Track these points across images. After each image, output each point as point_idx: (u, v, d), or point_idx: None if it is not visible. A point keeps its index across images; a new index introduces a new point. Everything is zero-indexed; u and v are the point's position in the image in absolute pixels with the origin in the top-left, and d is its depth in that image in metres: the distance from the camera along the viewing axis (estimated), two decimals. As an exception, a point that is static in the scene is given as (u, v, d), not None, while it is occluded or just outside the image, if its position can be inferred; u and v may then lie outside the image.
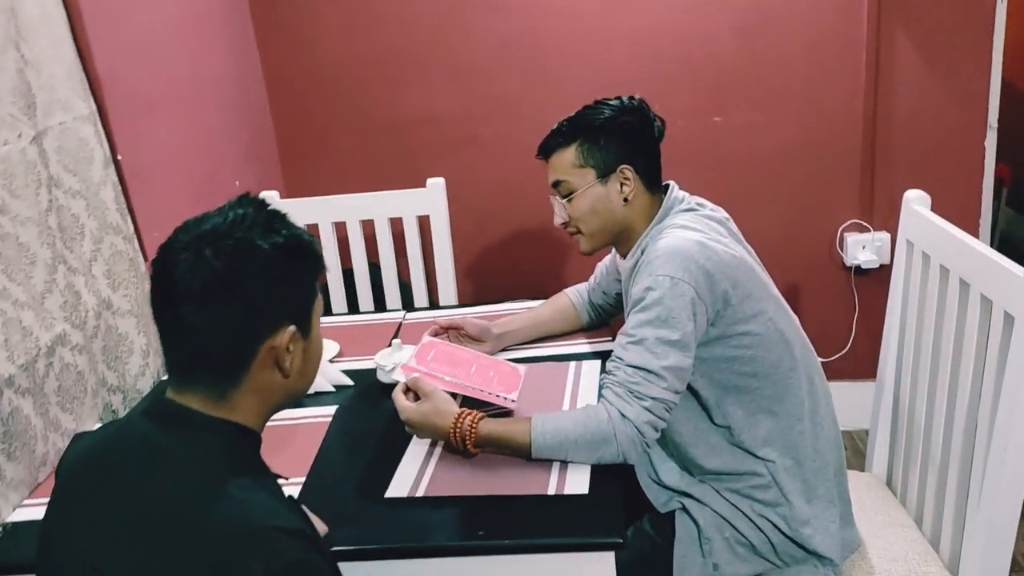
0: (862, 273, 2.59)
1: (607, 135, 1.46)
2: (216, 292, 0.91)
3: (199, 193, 2.11)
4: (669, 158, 1.53)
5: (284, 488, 1.01)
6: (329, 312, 2.27)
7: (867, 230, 2.55)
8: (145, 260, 1.79)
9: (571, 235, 1.53)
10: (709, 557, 1.42)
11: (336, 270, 2.26)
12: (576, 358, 1.68)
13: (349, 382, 1.67)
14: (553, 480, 1.28)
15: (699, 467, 1.46)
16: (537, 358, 1.70)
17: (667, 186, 1.52)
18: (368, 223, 2.22)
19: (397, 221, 2.22)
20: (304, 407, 1.57)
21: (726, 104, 2.49)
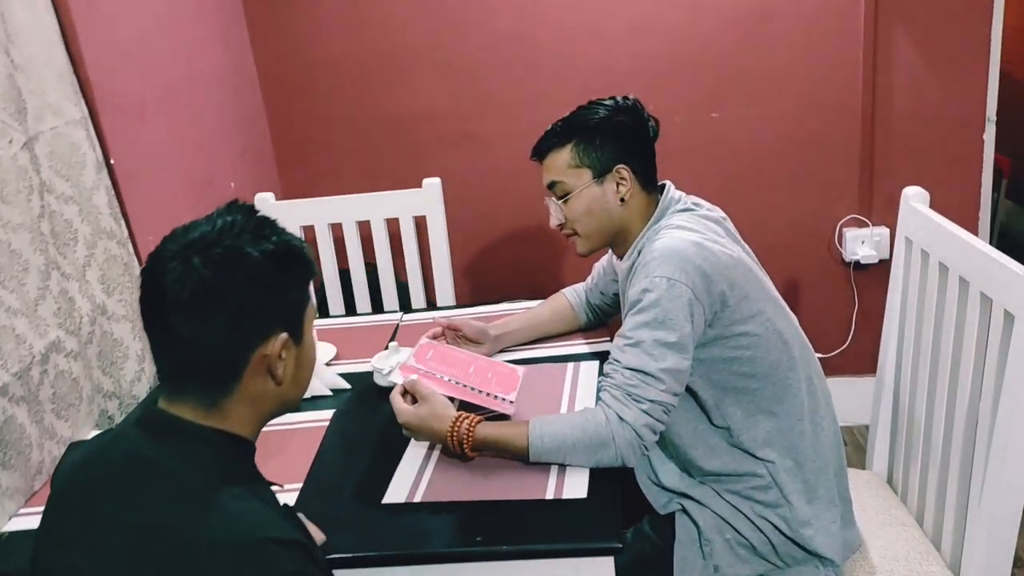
0: (861, 268, 2.58)
1: (602, 135, 1.44)
2: (205, 301, 0.90)
3: (194, 195, 2.10)
4: (667, 154, 1.52)
5: (280, 496, 1.00)
6: (326, 314, 2.26)
7: (866, 225, 2.53)
8: (140, 264, 1.78)
9: (567, 237, 1.52)
10: (710, 559, 1.41)
11: (333, 272, 2.25)
12: (574, 359, 1.67)
13: (346, 385, 1.66)
14: (551, 484, 1.27)
15: (699, 468, 1.45)
16: (535, 359, 1.69)
17: (663, 186, 1.51)
18: (364, 224, 2.21)
19: (394, 222, 2.21)
20: (301, 411, 1.56)
21: (723, 99, 2.47)
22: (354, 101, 2.55)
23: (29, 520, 1.34)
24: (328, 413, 1.57)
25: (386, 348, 1.67)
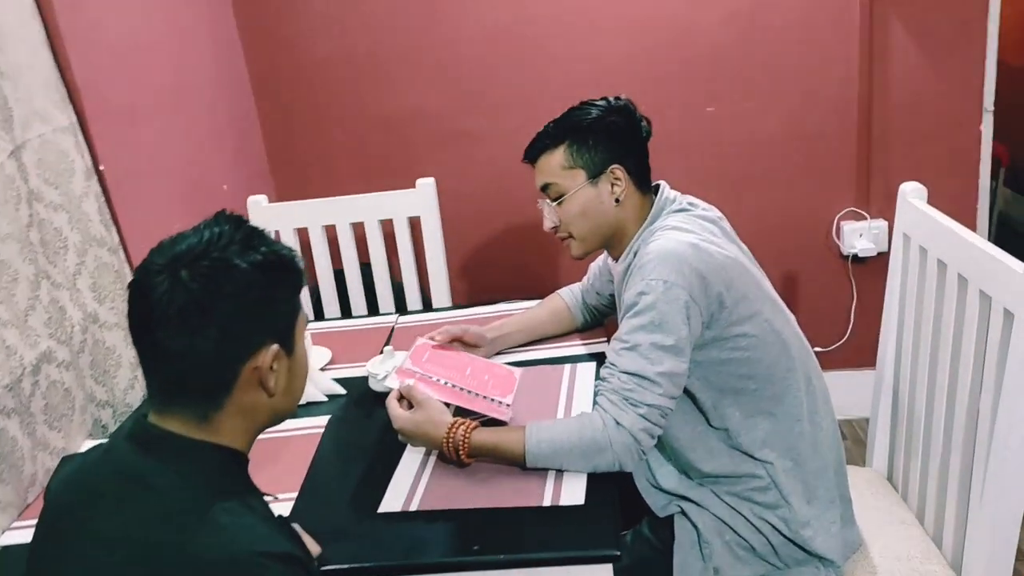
0: (859, 261, 2.56)
1: (595, 135, 1.43)
2: (194, 315, 0.89)
3: (186, 200, 2.08)
4: (663, 149, 1.50)
5: (275, 506, 0.99)
6: (321, 316, 2.25)
7: (864, 218, 2.52)
8: (132, 271, 1.76)
9: (562, 240, 1.50)
10: (709, 561, 1.40)
11: (328, 274, 2.23)
12: (571, 360, 1.66)
13: (341, 391, 1.65)
14: (548, 491, 1.26)
15: (697, 470, 1.44)
16: (532, 361, 1.67)
17: (657, 186, 1.50)
18: (359, 225, 2.20)
19: (388, 223, 2.19)
20: (296, 418, 1.55)
21: (719, 94, 2.45)
22: (347, 101, 2.53)
23: (22, 534, 1.32)
24: (323, 419, 1.56)
25: (381, 352, 1.66)
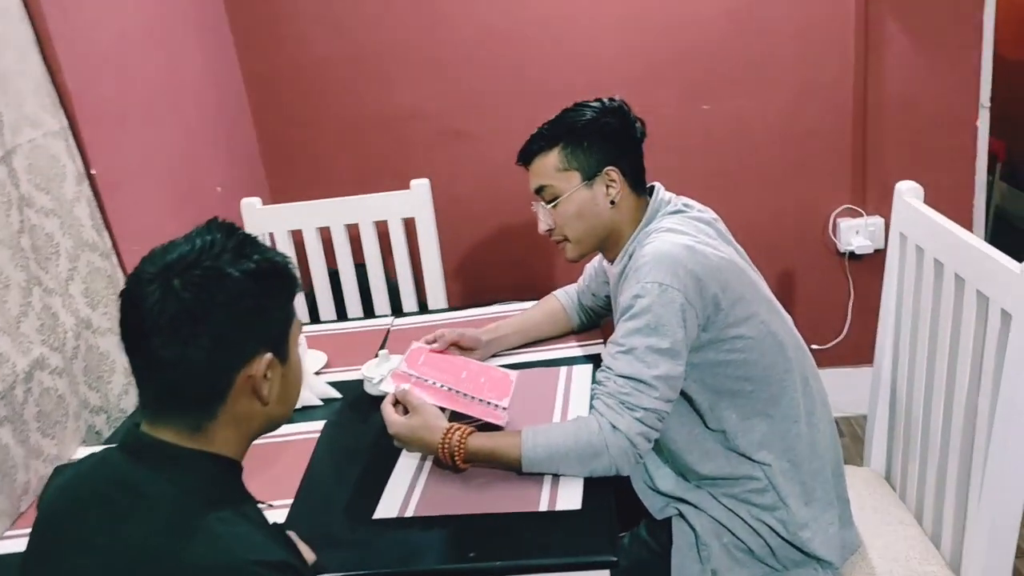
0: (856, 259, 2.56)
1: (590, 137, 1.42)
2: (186, 325, 0.88)
3: (180, 202, 2.07)
4: (658, 148, 1.49)
5: (270, 514, 0.98)
6: (316, 319, 2.24)
7: (860, 215, 2.51)
8: (125, 275, 1.75)
9: (557, 243, 1.50)
10: (707, 563, 1.40)
11: (323, 277, 2.22)
12: (567, 362, 1.65)
13: (337, 395, 1.64)
14: (545, 496, 1.25)
15: (695, 473, 1.43)
16: (528, 364, 1.66)
17: (652, 188, 1.49)
18: (353, 227, 2.19)
19: (383, 224, 2.18)
20: (291, 423, 1.52)
21: (714, 91, 2.44)
22: (341, 102, 2.52)
23: (15, 543, 1.31)
24: (319, 424, 1.55)
25: (376, 356, 1.65)
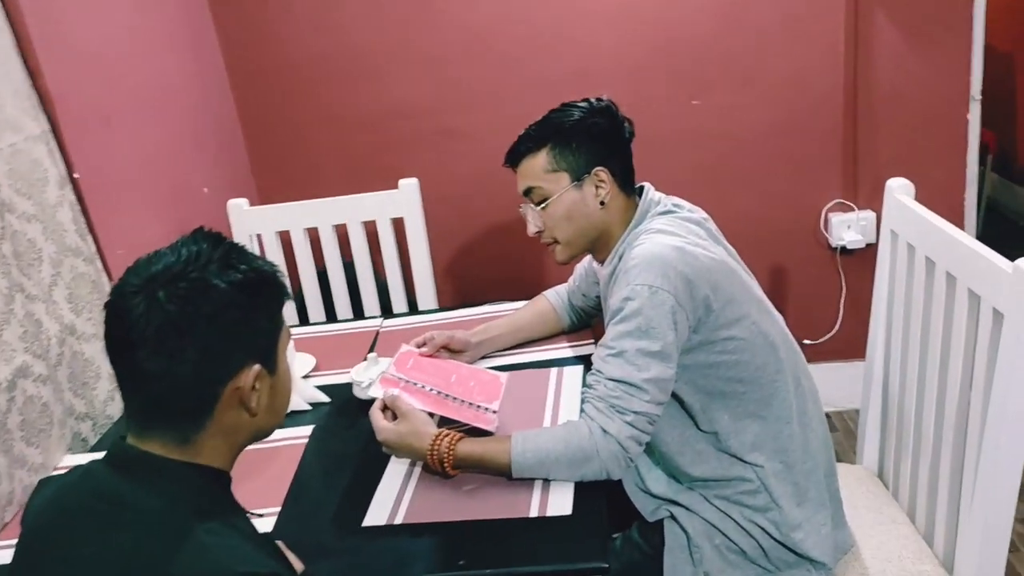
0: (848, 253, 2.55)
1: (578, 137, 1.41)
2: (172, 338, 0.86)
3: (166, 205, 2.04)
4: (649, 144, 1.48)
5: (259, 523, 0.97)
6: (305, 321, 2.22)
7: (851, 209, 2.50)
8: (110, 280, 1.73)
9: (546, 245, 1.48)
10: (700, 565, 1.39)
11: (311, 278, 2.21)
12: (557, 363, 1.64)
13: (325, 399, 1.62)
14: (535, 501, 1.24)
15: (687, 475, 1.42)
16: (518, 365, 1.65)
17: (641, 188, 1.47)
18: (342, 227, 2.17)
19: (371, 224, 2.16)
20: (279, 428, 1.52)
21: (704, 86, 2.43)
22: (329, 100, 2.49)
23: (1, 554, 1.30)
24: (307, 430, 1.53)
25: (365, 359, 1.63)
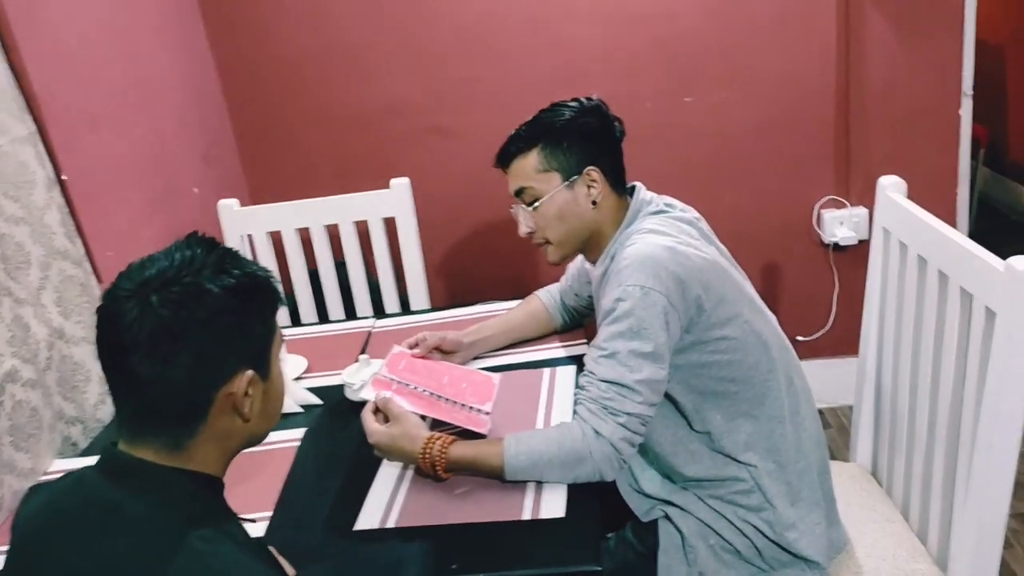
0: (840, 250, 2.55)
1: (569, 137, 1.40)
2: (165, 343, 0.86)
3: (156, 206, 2.02)
4: (640, 142, 1.47)
5: (250, 528, 0.96)
6: (297, 322, 2.21)
7: (844, 206, 2.50)
8: (99, 282, 1.72)
9: (538, 246, 1.47)
10: (694, 565, 1.39)
11: (303, 279, 2.19)
12: (550, 364, 1.64)
13: (317, 401, 1.61)
14: (528, 504, 1.24)
15: (680, 475, 1.42)
16: (510, 365, 1.65)
17: (633, 188, 1.47)
18: (333, 227, 2.16)
19: (363, 224, 2.15)
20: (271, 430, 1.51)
21: (696, 83, 2.42)
22: (319, 99, 2.48)
23: (-10, 561, 1.29)
24: (299, 432, 1.52)
25: (357, 360, 1.62)
